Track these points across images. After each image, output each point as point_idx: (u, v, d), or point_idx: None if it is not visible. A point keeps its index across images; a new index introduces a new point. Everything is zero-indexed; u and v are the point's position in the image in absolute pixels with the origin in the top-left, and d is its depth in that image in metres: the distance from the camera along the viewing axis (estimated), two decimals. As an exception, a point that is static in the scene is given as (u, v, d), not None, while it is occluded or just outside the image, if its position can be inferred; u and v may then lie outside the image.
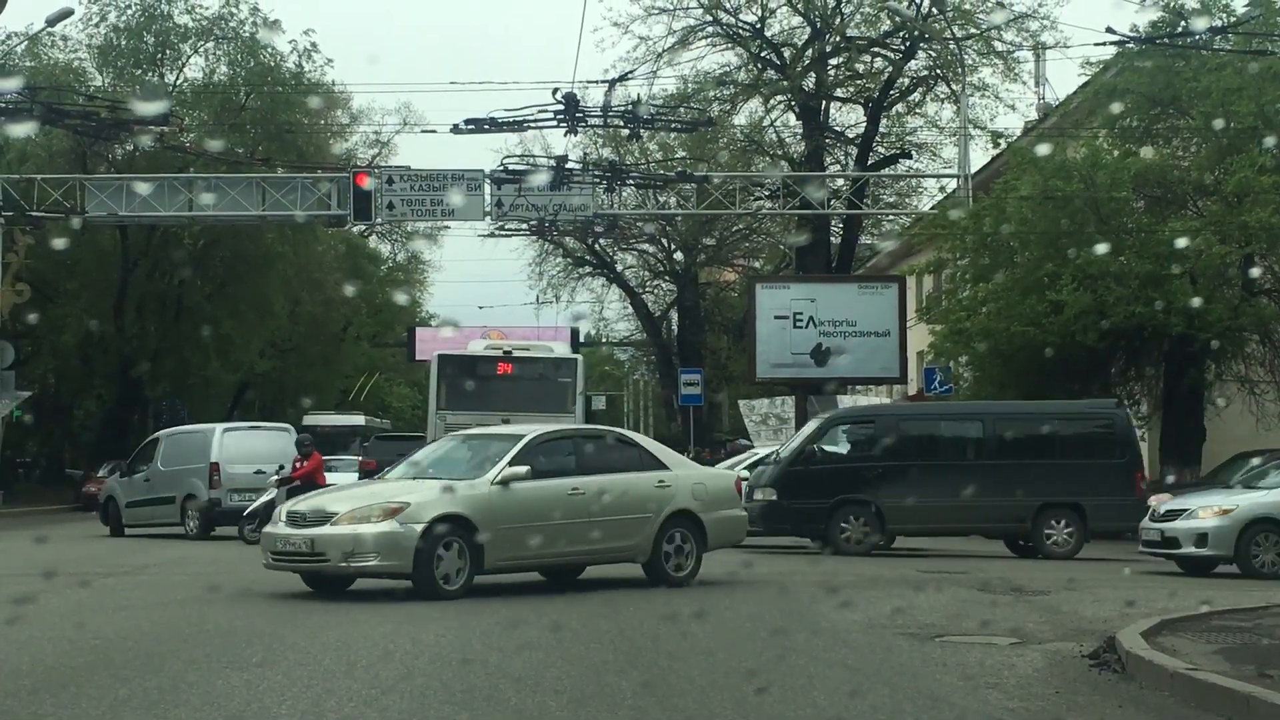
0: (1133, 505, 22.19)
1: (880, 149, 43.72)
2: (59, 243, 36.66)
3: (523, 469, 14.94)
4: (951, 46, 38.59)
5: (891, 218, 45.79)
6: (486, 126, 32.65)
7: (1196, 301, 26.03)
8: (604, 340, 72.62)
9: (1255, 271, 28.30)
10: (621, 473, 15.87)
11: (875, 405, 35.04)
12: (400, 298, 63.67)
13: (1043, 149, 29.17)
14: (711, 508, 16.34)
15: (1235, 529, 19.20)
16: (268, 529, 15.23)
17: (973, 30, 39.65)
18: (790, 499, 22.58)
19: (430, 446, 17.82)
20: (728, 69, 43.02)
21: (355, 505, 14.47)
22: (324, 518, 14.37)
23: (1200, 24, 28.54)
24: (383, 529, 14.03)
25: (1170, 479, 27.22)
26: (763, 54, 42.82)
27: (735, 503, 17.12)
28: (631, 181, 38.99)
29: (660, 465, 16.30)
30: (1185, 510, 19.73)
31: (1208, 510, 19.58)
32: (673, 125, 39.07)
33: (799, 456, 23.26)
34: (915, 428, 24.45)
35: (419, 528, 14.03)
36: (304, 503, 15.15)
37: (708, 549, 16.31)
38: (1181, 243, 25.65)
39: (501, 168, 35.93)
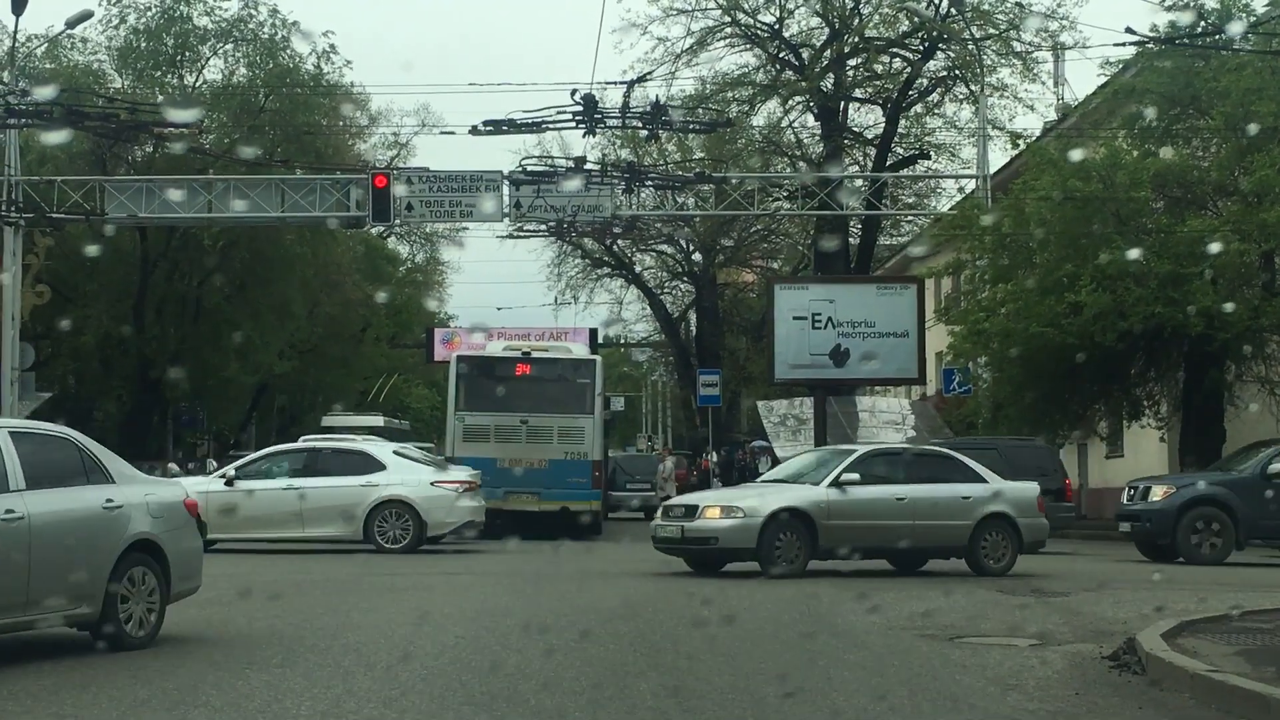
0: None
1: (899, 149, 43.59)
2: (91, 249, 36.72)
3: None
4: (970, 47, 38.51)
5: (910, 218, 45.67)
6: (505, 128, 32.52)
7: (1229, 306, 25.91)
8: (623, 341, 72.54)
9: None
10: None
11: None
12: (431, 303, 63.69)
13: (1075, 154, 29.00)
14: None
15: None
16: None
17: (991, 31, 39.57)
18: None
19: None
20: (746, 70, 43.00)
21: None
22: None
23: (1223, 25, 28.45)
24: None
25: None
26: (781, 55, 42.74)
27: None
28: (650, 182, 38.93)
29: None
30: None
31: None
32: (691, 126, 38.96)
33: None
34: None
35: None
36: None
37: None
38: (1214, 248, 25.53)
39: (520, 169, 35.89)
